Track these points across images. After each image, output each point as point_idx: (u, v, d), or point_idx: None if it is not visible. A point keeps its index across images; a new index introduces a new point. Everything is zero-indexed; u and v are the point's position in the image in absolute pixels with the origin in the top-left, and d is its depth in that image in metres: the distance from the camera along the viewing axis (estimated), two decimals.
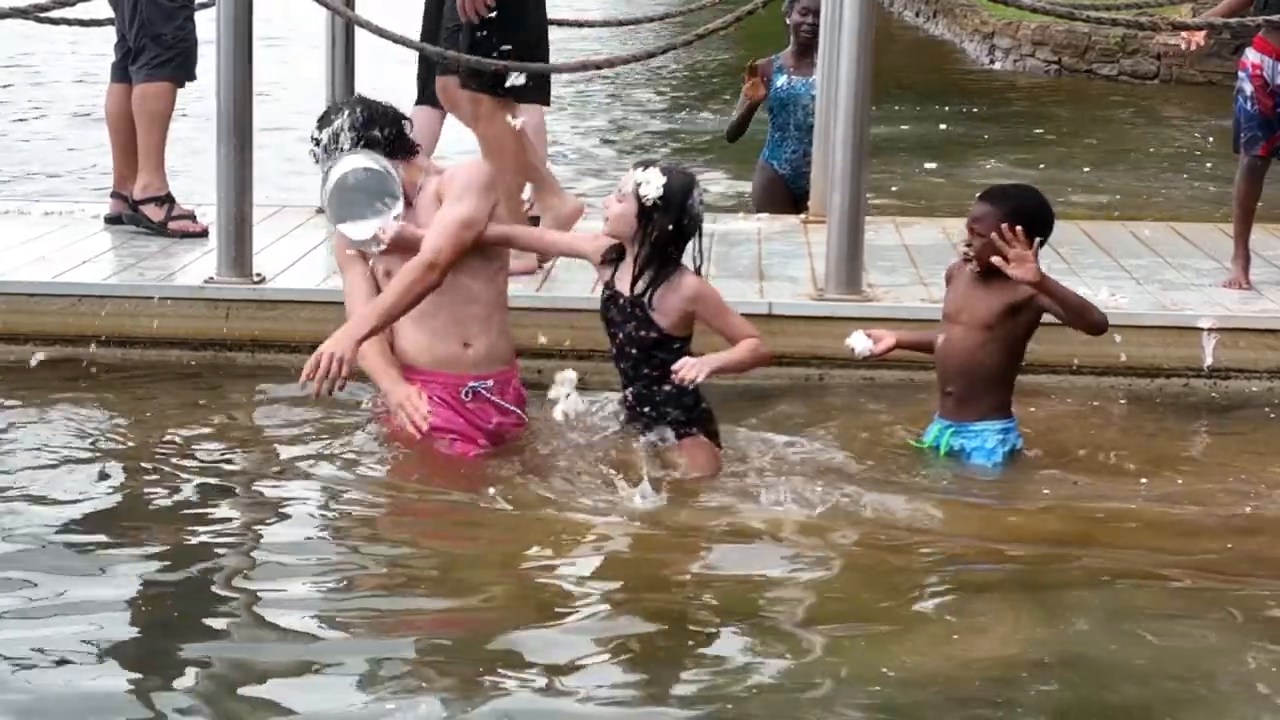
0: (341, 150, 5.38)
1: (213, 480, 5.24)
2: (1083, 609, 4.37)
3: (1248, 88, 6.80)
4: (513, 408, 5.45)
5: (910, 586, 4.51)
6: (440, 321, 5.36)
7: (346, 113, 5.41)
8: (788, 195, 8.44)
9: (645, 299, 5.18)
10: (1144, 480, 5.32)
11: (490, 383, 5.43)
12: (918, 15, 25.05)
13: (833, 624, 4.29)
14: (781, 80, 8.40)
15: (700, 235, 5.21)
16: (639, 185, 5.11)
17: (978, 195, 5.51)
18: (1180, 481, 5.33)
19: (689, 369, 5.04)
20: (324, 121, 5.46)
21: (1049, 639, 4.19)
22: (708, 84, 17.24)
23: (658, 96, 16.34)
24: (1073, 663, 4.06)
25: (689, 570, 4.63)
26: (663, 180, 5.10)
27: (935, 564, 4.67)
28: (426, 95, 7.29)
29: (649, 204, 5.10)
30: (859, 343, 5.52)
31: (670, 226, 5.11)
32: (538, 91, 7.04)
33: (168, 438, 5.62)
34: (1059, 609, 4.38)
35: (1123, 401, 6.16)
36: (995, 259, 5.18)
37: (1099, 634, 4.23)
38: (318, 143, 5.43)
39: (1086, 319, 5.36)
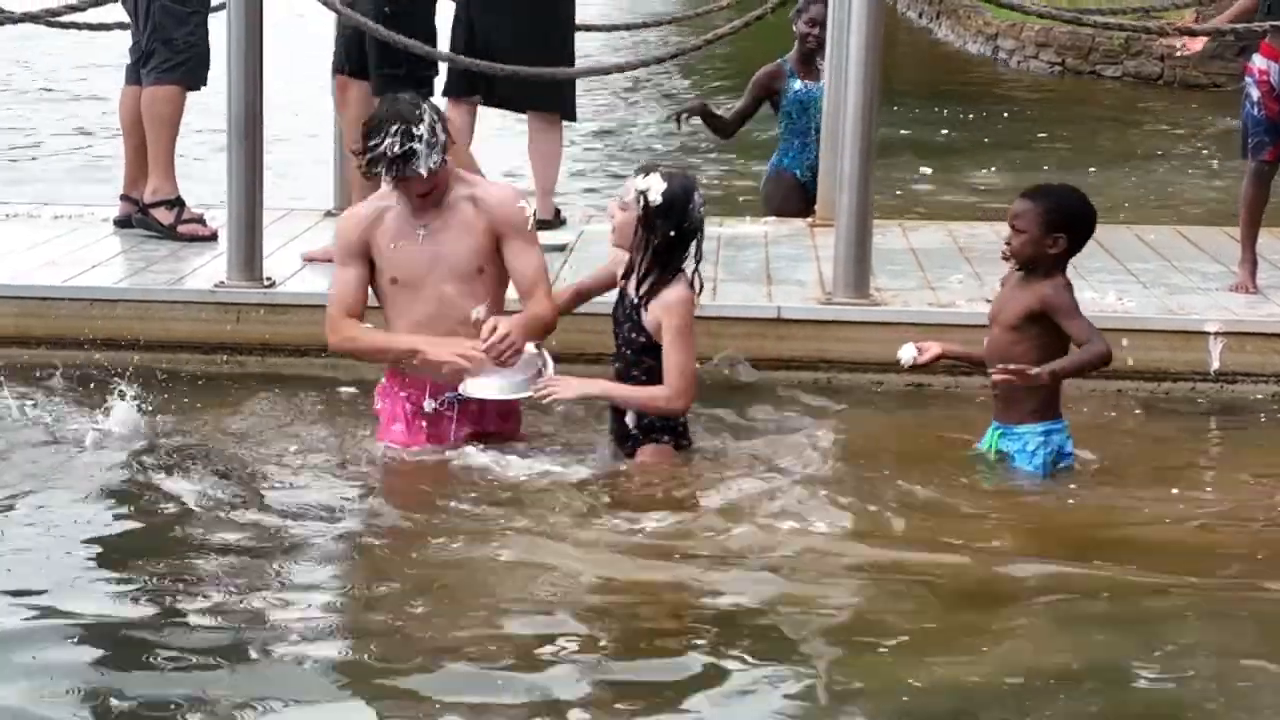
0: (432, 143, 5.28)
1: (220, 485, 5.24)
2: (1106, 620, 4.36)
3: (1254, 93, 6.80)
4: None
5: (933, 598, 4.49)
6: (430, 333, 5.41)
7: (426, 111, 5.32)
8: (808, 203, 8.28)
9: (641, 303, 5.21)
10: (1156, 488, 5.32)
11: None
12: (920, 16, 25.04)
13: (855, 636, 4.28)
14: (798, 85, 8.38)
15: (701, 237, 5.22)
16: (642, 191, 5.13)
17: (1020, 193, 5.53)
18: (1192, 489, 5.33)
19: (558, 386, 5.21)
20: (414, 119, 5.27)
21: (1074, 650, 4.17)
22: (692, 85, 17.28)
23: (634, 96, 16.35)
24: (1098, 674, 4.05)
25: (699, 584, 4.58)
26: (664, 185, 5.13)
27: (958, 575, 4.64)
28: (453, 90, 7.45)
29: (651, 209, 5.12)
30: (906, 353, 5.54)
31: (672, 231, 5.14)
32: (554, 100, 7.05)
33: (176, 441, 5.62)
34: (1083, 621, 4.37)
35: (1136, 410, 6.15)
36: (1001, 379, 5.23)
37: (1123, 645, 4.22)
38: (419, 138, 5.26)
39: (1102, 366, 5.43)
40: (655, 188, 5.14)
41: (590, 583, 4.58)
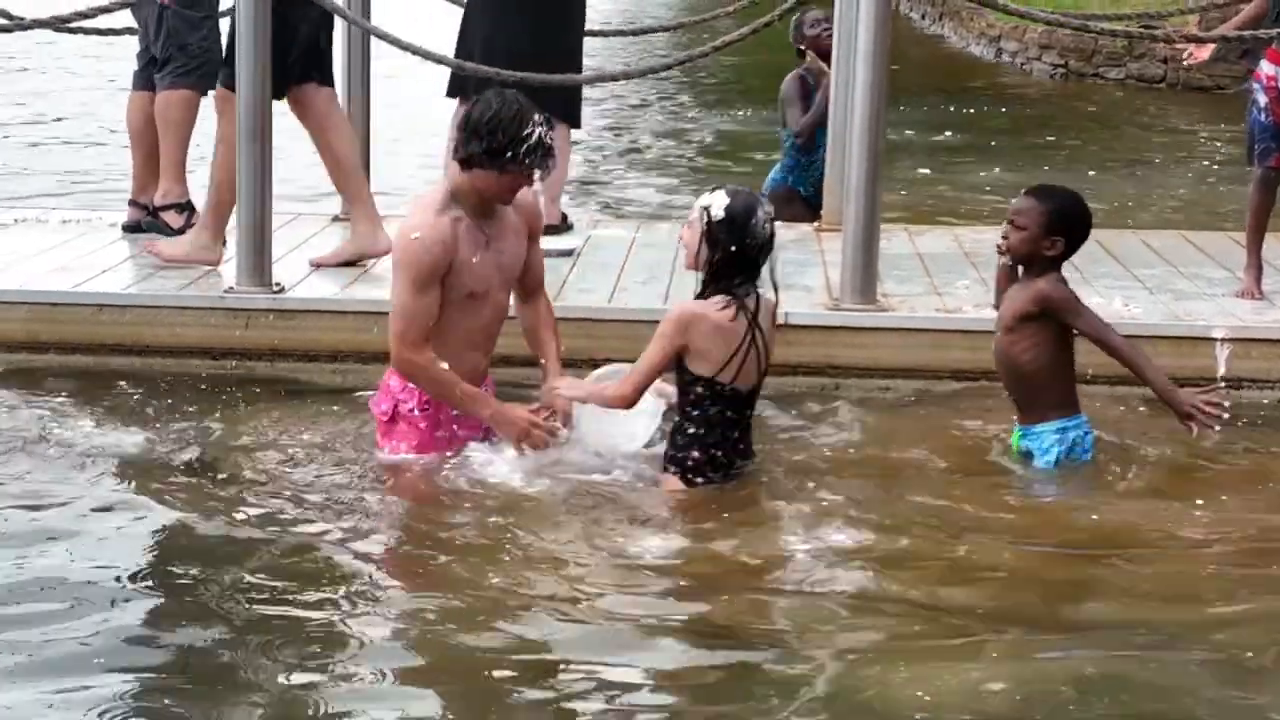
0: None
1: (230, 490, 5.25)
2: (1116, 627, 4.39)
3: (1262, 99, 6.81)
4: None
5: (943, 607, 4.50)
6: (480, 335, 5.39)
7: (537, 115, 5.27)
8: (815, 218, 8.26)
9: None
10: (1163, 494, 5.33)
11: (487, 386, 5.51)
12: (923, 18, 25.07)
13: (863, 647, 4.28)
14: (819, 98, 8.39)
15: (772, 257, 5.14)
16: (705, 207, 5.12)
17: (1023, 190, 5.56)
18: (1199, 495, 5.32)
19: (565, 387, 5.27)
20: (535, 121, 5.24)
21: (1084, 659, 4.19)
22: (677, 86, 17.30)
23: (621, 104, 16.35)
24: (1109, 683, 4.06)
25: (701, 600, 4.56)
26: (726, 201, 5.10)
27: (968, 585, 4.65)
28: (458, 91, 7.52)
29: (713, 224, 5.08)
30: None
31: (734, 246, 5.08)
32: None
33: (187, 446, 5.63)
34: (1093, 628, 4.40)
35: (1142, 416, 6.14)
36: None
37: (1132, 651, 4.24)
38: (547, 149, 5.25)
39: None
40: (718, 203, 5.10)
41: (600, 605, 4.53)
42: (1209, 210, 10.87)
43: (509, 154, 5.17)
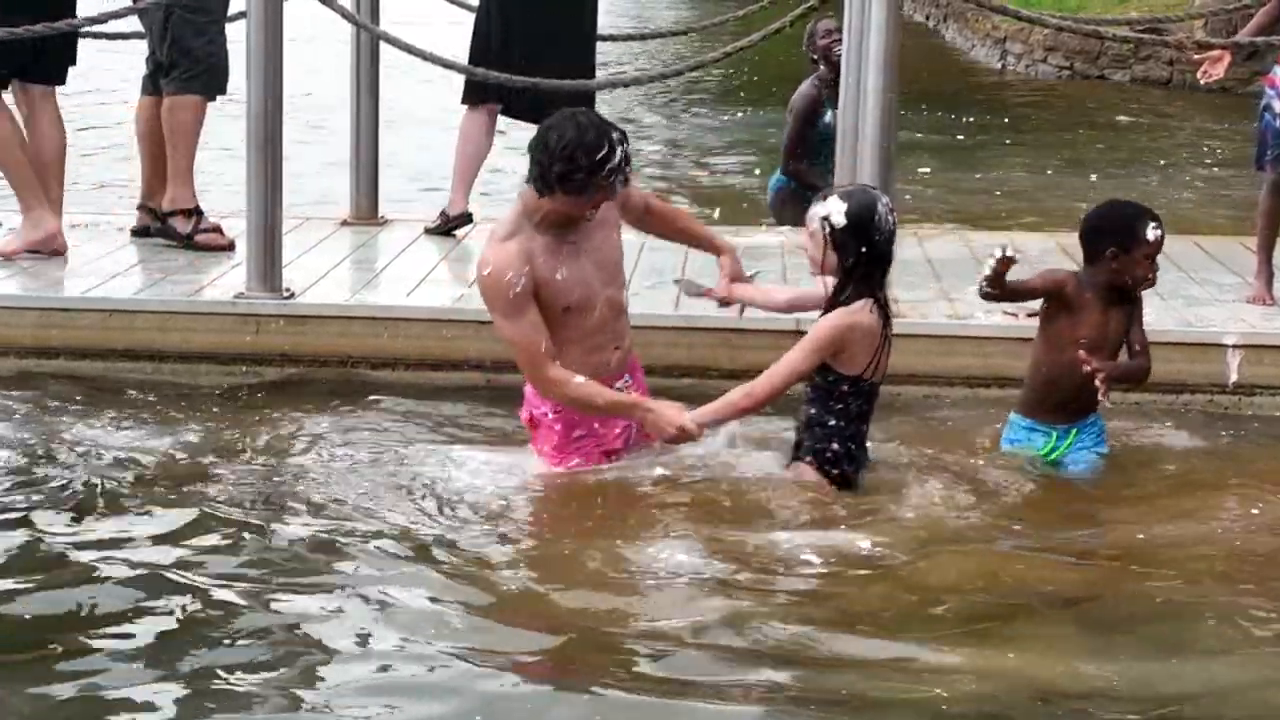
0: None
1: (240, 494, 5.25)
2: (1126, 630, 4.40)
3: (1277, 105, 6.77)
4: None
5: (959, 609, 4.51)
6: (600, 337, 5.32)
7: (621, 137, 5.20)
8: None
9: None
10: (1174, 499, 5.34)
11: (628, 378, 5.44)
12: (928, 19, 25.08)
13: (881, 646, 4.29)
14: (828, 116, 8.39)
15: (892, 249, 5.14)
16: (824, 218, 5.09)
17: (1156, 221, 5.54)
18: (1209, 501, 5.33)
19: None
20: (617, 143, 5.14)
21: (1097, 661, 4.20)
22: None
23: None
24: (1121, 686, 4.07)
25: (724, 589, 4.60)
26: (844, 205, 5.08)
27: (984, 586, 4.67)
28: (471, 97, 7.55)
29: (838, 231, 5.05)
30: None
31: (864, 248, 5.06)
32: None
33: (197, 452, 5.63)
34: (1105, 631, 4.40)
35: (1153, 422, 6.15)
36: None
37: (1144, 654, 4.26)
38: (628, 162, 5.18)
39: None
40: (835, 210, 5.08)
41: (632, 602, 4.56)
42: (1214, 213, 10.88)
43: (595, 178, 5.10)
